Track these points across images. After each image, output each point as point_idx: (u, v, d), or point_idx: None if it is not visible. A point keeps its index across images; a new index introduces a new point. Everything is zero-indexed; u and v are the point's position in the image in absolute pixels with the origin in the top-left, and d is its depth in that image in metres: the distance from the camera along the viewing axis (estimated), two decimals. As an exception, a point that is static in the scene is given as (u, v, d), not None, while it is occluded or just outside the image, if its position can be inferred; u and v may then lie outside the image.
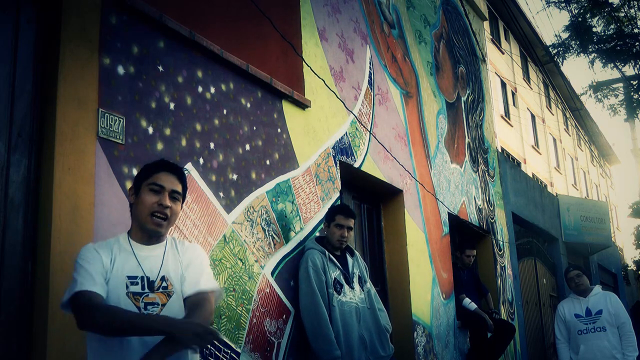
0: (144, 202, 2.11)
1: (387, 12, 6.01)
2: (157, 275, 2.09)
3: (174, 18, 3.22)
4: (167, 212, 2.11)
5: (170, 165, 2.22)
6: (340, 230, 3.85)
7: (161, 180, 2.13)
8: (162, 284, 2.09)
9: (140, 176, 2.19)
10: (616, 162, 33.86)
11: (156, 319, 1.97)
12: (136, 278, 2.05)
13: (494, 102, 11.82)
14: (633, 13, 11.69)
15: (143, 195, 2.12)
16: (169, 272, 2.12)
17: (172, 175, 2.17)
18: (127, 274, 2.05)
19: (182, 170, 2.25)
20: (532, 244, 10.39)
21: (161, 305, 2.05)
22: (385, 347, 3.92)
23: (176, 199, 2.16)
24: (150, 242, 2.15)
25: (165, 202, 2.10)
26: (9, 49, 2.48)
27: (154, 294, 2.06)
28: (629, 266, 27.22)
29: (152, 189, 2.12)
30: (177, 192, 2.16)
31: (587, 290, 5.23)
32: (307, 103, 4.28)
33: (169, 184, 2.14)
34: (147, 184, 2.13)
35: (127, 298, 2.01)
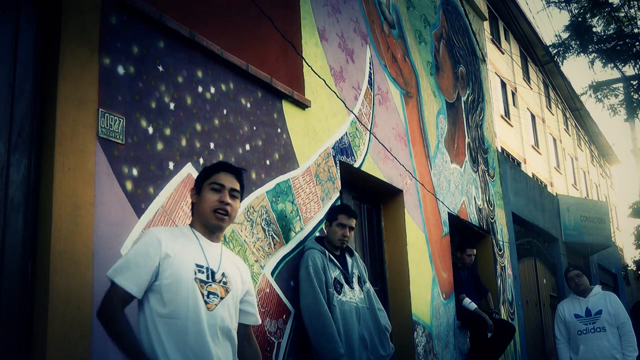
0: (207, 199, 2.29)
1: (387, 12, 6.01)
2: (218, 269, 2.26)
3: (174, 18, 3.22)
4: (228, 208, 2.29)
5: (229, 166, 2.40)
6: (343, 230, 3.86)
7: (221, 180, 2.31)
8: (222, 278, 2.26)
9: (201, 177, 2.37)
10: (616, 162, 33.86)
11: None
12: (202, 267, 2.21)
13: (494, 102, 11.82)
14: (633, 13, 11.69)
15: (205, 193, 2.30)
16: (226, 271, 2.29)
17: (231, 175, 2.35)
18: (195, 262, 2.20)
19: (241, 170, 2.41)
20: (532, 244, 10.39)
21: (220, 297, 2.21)
22: (385, 347, 3.92)
23: (235, 196, 2.33)
24: (211, 239, 2.32)
25: (225, 199, 2.28)
26: (9, 49, 2.48)
27: (215, 285, 2.22)
28: (629, 266, 27.21)
29: (213, 188, 2.29)
30: (236, 190, 2.34)
31: (586, 290, 5.23)
32: (307, 103, 4.28)
33: (229, 183, 2.32)
34: (208, 184, 2.31)
35: (194, 283, 2.16)
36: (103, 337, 2.52)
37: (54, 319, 2.33)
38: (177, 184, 3.06)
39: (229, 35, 4.28)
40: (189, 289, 2.14)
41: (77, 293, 2.43)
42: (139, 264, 2.14)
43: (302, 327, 3.70)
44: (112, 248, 2.64)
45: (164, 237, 2.20)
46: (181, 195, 3.07)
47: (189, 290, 2.14)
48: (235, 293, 2.30)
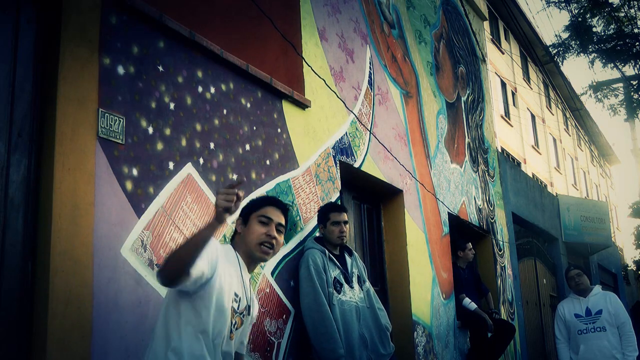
0: (254, 231, 2.32)
1: (387, 12, 6.01)
2: (246, 300, 2.32)
3: (174, 18, 3.22)
4: (274, 242, 2.32)
5: (278, 201, 2.45)
6: (338, 227, 3.88)
7: (270, 214, 2.35)
8: (244, 311, 2.32)
9: (249, 208, 2.40)
10: (616, 162, 33.86)
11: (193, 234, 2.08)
12: (238, 297, 2.26)
13: (494, 102, 11.82)
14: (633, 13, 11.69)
15: (252, 225, 2.33)
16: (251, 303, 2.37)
17: (279, 210, 2.39)
18: (234, 290, 2.23)
19: (287, 206, 2.48)
20: (532, 244, 10.38)
21: (236, 329, 2.28)
22: (385, 346, 3.92)
23: (280, 231, 2.37)
24: (249, 268, 2.37)
25: (273, 232, 2.31)
26: (9, 49, 2.48)
27: (238, 316, 2.28)
28: (629, 266, 27.21)
29: (261, 221, 2.33)
30: (282, 225, 2.38)
31: (587, 290, 5.23)
32: (307, 103, 4.28)
33: (276, 217, 2.36)
34: (256, 216, 2.34)
35: (229, 311, 2.19)
36: (103, 337, 2.52)
37: (54, 319, 2.33)
38: (177, 184, 3.06)
39: (229, 35, 4.28)
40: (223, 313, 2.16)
41: (77, 293, 2.43)
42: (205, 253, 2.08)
43: (302, 327, 3.70)
44: (112, 248, 2.64)
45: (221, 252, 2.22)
46: (181, 195, 3.07)
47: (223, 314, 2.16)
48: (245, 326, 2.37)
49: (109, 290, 2.59)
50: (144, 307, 2.74)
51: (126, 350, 2.62)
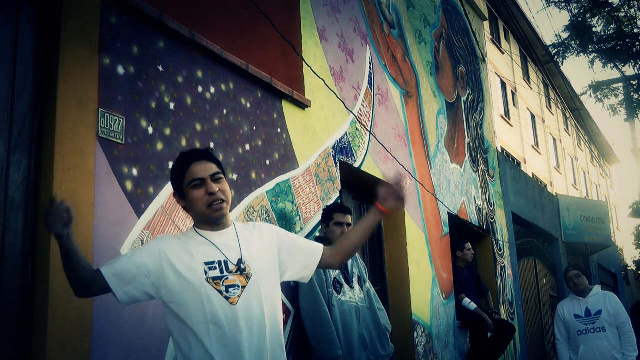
0: (196, 200, 2.10)
1: (387, 12, 6.01)
2: (235, 258, 2.09)
3: (174, 18, 3.22)
4: (220, 195, 2.10)
5: (195, 154, 2.18)
6: (341, 228, 3.87)
7: (197, 174, 2.10)
8: (240, 266, 2.09)
9: (175, 181, 2.18)
10: (616, 162, 33.85)
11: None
12: (213, 263, 2.06)
13: (494, 102, 11.82)
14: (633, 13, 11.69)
15: (190, 195, 2.11)
16: (243, 254, 2.12)
17: (202, 162, 2.14)
18: (204, 261, 2.06)
19: (207, 150, 2.21)
20: (532, 244, 10.39)
21: (241, 287, 2.05)
22: (385, 347, 3.92)
23: (219, 179, 2.13)
24: (219, 228, 2.15)
25: (212, 189, 2.09)
26: (9, 49, 2.48)
27: (233, 276, 2.06)
28: (629, 266, 27.21)
29: (194, 186, 2.10)
30: (216, 173, 2.13)
31: (586, 291, 5.22)
32: (307, 103, 4.28)
33: (205, 172, 2.11)
34: (187, 185, 2.12)
35: (207, 284, 2.02)
36: (103, 337, 2.52)
37: (54, 319, 2.33)
38: (177, 184, 3.05)
39: (229, 35, 4.28)
40: (201, 294, 2.00)
41: (77, 293, 2.43)
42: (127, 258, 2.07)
43: (302, 327, 3.70)
44: (112, 248, 2.64)
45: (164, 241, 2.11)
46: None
47: (202, 295, 2.00)
48: (261, 272, 2.11)
49: (109, 290, 2.58)
50: (144, 307, 2.74)
51: (126, 350, 2.62)
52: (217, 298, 2.00)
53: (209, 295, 2.00)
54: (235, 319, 2.00)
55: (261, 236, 2.21)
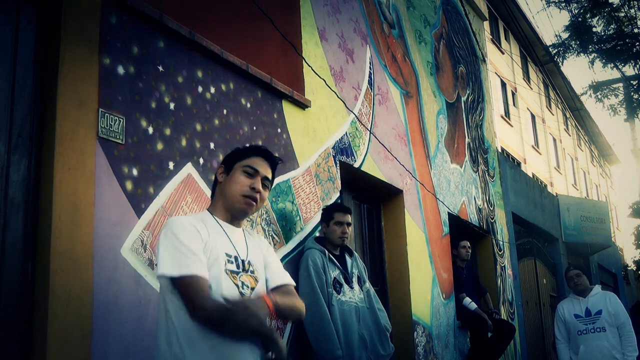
0: (237, 182, 2.09)
1: (387, 12, 6.01)
2: (246, 258, 2.09)
3: (174, 18, 3.22)
4: (257, 196, 2.09)
5: (267, 153, 2.21)
6: (341, 227, 3.88)
7: (256, 165, 2.12)
8: (250, 267, 2.08)
9: (233, 156, 2.18)
10: (616, 162, 33.86)
11: (269, 329, 1.91)
12: (231, 257, 2.04)
13: (494, 102, 11.82)
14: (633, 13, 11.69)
15: (236, 175, 2.11)
16: (252, 259, 2.11)
17: (267, 163, 2.16)
18: (225, 251, 2.02)
19: (277, 160, 2.24)
20: (532, 244, 10.39)
21: (250, 288, 2.03)
22: (385, 346, 3.92)
23: (266, 186, 2.15)
24: (234, 224, 2.13)
25: (257, 185, 2.09)
26: (9, 49, 2.48)
27: (245, 275, 2.05)
28: (629, 266, 27.20)
29: (245, 171, 2.10)
30: (268, 180, 2.16)
31: (586, 290, 5.23)
32: (307, 103, 4.28)
33: (263, 170, 2.13)
34: (241, 166, 2.12)
35: (226, 275, 1.98)
36: (103, 337, 2.52)
37: (54, 319, 2.33)
38: (177, 184, 3.06)
39: (229, 35, 4.28)
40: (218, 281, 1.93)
41: (77, 293, 2.43)
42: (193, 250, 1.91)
43: (302, 327, 3.70)
44: (112, 248, 2.64)
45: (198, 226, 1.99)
46: (181, 195, 3.07)
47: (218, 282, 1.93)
48: (262, 279, 2.11)
49: (109, 290, 2.59)
50: (144, 307, 2.74)
51: (126, 350, 2.62)
52: (233, 291, 1.96)
53: (228, 287, 1.95)
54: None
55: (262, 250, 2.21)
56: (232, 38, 4.26)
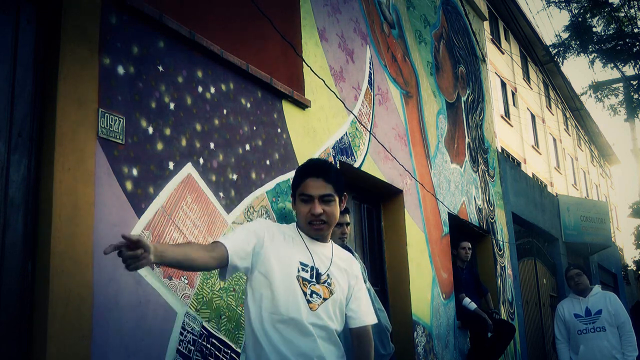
0: (300, 212, 2.18)
1: (387, 12, 6.01)
2: (325, 271, 2.16)
3: (174, 18, 3.22)
4: (322, 217, 2.15)
5: (315, 169, 2.20)
6: (340, 228, 3.88)
7: (308, 189, 2.15)
8: (327, 279, 2.16)
9: (293, 184, 2.24)
10: (616, 162, 33.85)
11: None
12: (307, 266, 2.13)
13: (494, 102, 11.82)
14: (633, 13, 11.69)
15: (297, 205, 2.19)
16: (333, 273, 2.19)
17: (318, 180, 2.16)
18: (300, 260, 2.13)
19: (328, 168, 2.21)
20: (532, 244, 10.39)
21: (323, 298, 2.12)
22: (385, 346, 3.92)
23: (328, 201, 2.16)
24: (317, 240, 2.22)
25: (315, 210, 2.13)
26: (9, 49, 2.48)
27: (319, 285, 2.13)
28: (629, 266, 27.21)
29: (302, 199, 2.17)
30: (328, 195, 2.15)
31: (586, 290, 5.22)
32: (307, 103, 4.28)
33: (316, 190, 2.14)
34: (298, 194, 2.18)
35: (296, 280, 2.09)
36: (103, 337, 2.52)
37: (54, 319, 2.33)
38: (177, 184, 3.06)
39: (229, 35, 4.28)
40: (289, 286, 2.07)
41: (77, 293, 2.43)
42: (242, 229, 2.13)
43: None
44: (112, 248, 2.64)
45: (270, 227, 2.18)
46: (181, 195, 3.07)
47: (288, 287, 2.07)
48: (339, 296, 2.18)
49: (109, 290, 2.59)
50: (144, 307, 2.74)
51: (126, 350, 2.62)
52: (301, 297, 2.07)
53: (296, 291, 2.07)
54: (310, 322, 2.06)
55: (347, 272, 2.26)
56: (232, 38, 4.26)
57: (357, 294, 2.26)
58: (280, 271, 2.08)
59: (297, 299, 2.07)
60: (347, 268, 2.26)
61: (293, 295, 2.06)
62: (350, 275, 2.25)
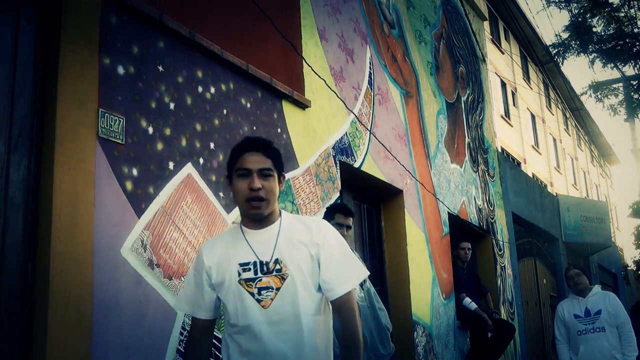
0: (237, 189, 2.03)
1: (387, 12, 6.01)
2: (270, 259, 2.01)
3: (174, 18, 3.22)
4: (261, 193, 1.99)
5: (253, 143, 2.08)
6: (341, 230, 3.85)
7: (246, 163, 2.02)
8: (276, 266, 2.00)
9: (229, 163, 2.11)
10: (616, 162, 33.84)
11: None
12: (248, 264, 2.01)
13: (494, 102, 11.82)
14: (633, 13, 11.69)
15: (235, 182, 2.05)
16: (283, 254, 2.02)
17: (258, 153, 2.04)
18: (239, 262, 2.02)
19: (268, 144, 2.09)
20: (532, 244, 10.39)
21: (275, 289, 1.98)
22: (385, 346, 3.92)
23: (267, 175, 2.02)
24: (261, 226, 2.06)
25: (254, 184, 1.99)
26: (9, 49, 2.48)
27: (267, 277, 1.99)
28: (629, 266, 27.20)
29: (240, 175, 2.03)
30: (266, 169, 2.02)
31: (586, 290, 5.22)
32: (307, 103, 4.28)
33: (255, 164, 2.02)
34: (235, 171, 2.05)
35: (239, 286, 1.99)
36: (103, 337, 2.52)
37: (54, 319, 2.33)
38: (177, 184, 3.06)
39: (229, 35, 4.28)
40: (235, 295, 1.99)
41: (77, 293, 2.43)
42: (191, 287, 2.09)
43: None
44: (112, 248, 2.64)
45: (206, 248, 2.10)
46: (181, 195, 3.07)
47: (235, 296, 1.99)
48: (297, 275, 1.99)
49: (109, 290, 2.59)
50: (144, 307, 2.74)
51: (126, 350, 2.62)
52: (250, 301, 1.97)
53: (242, 297, 1.98)
54: (265, 322, 1.95)
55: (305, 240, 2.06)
56: (232, 38, 4.26)
57: (326, 262, 2.04)
58: (224, 284, 2.02)
59: (246, 303, 1.97)
60: (304, 239, 2.05)
61: (241, 302, 1.98)
62: (310, 245, 2.04)
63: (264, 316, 1.95)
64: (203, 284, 2.06)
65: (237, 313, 1.98)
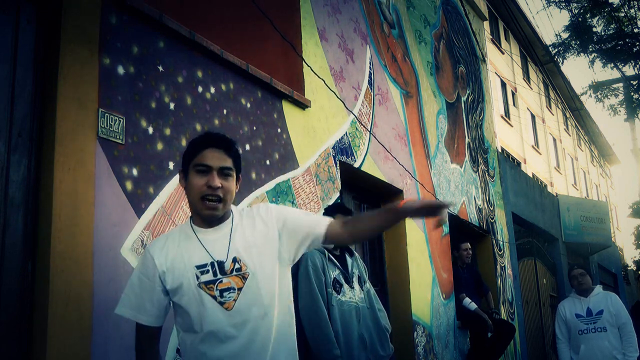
0: (193, 185, 1.92)
1: (387, 12, 6.01)
2: (227, 257, 1.91)
3: (174, 18, 3.22)
4: (219, 192, 1.90)
5: (215, 140, 1.99)
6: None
7: (206, 159, 1.92)
8: (235, 266, 1.91)
9: (186, 156, 1.98)
10: (616, 162, 33.84)
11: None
12: (205, 266, 1.90)
13: (494, 102, 11.82)
14: (633, 13, 11.69)
15: (191, 178, 1.93)
16: (240, 251, 1.93)
17: (219, 151, 1.95)
18: (195, 264, 1.91)
19: (230, 142, 2.01)
20: (532, 244, 10.39)
21: (237, 289, 1.89)
22: (385, 347, 3.92)
23: (227, 174, 1.93)
24: (213, 225, 1.96)
25: (213, 182, 1.89)
26: (9, 49, 2.48)
27: (228, 278, 1.89)
28: (629, 266, 27.19)
29: (198, 171, 1.91)
30: (227, 168, 1.93)
31: (588, 290, 5.22)
32: (307, 103, 4.28)
33: (216, 161, 1.92)
34: (193, 165, 1.93)
35: (200, 290, 1.88)
36: (103, 337, 2.52)
37: (54, 319, 2.33)
38: (177, 183, 3.06)
39: (229, 35, 4.28)
40: (196, 299, 1.88)
41: (77, 293, 2.43)
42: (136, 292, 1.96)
43: (301, 327, 3.70)
44: (112, 248, 2.64)
45: (156, 250, 1.95)
46: (181, 195, 3.07)
47: (197, 300, 1.88)
48: (260, 269, 1.92)
49: (109, 290, 2.59)
50: (144, 307, 2.73)
51: (126, 350, 2.62)
52: (212, 304, 1.88)
53: (204, 301, 1.88)
54: (230, 325, 1.87)
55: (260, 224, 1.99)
56: (232, 38, 4.26)
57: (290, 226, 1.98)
58: (182, 289, 1.90)
59: (208, 307, 1.87)
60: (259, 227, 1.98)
61: (203, 306, 1.87)
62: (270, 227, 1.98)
63: (229, 318, 1.87)
64: (154, 289, 1.93)
65: (200, 319, 1.88)
